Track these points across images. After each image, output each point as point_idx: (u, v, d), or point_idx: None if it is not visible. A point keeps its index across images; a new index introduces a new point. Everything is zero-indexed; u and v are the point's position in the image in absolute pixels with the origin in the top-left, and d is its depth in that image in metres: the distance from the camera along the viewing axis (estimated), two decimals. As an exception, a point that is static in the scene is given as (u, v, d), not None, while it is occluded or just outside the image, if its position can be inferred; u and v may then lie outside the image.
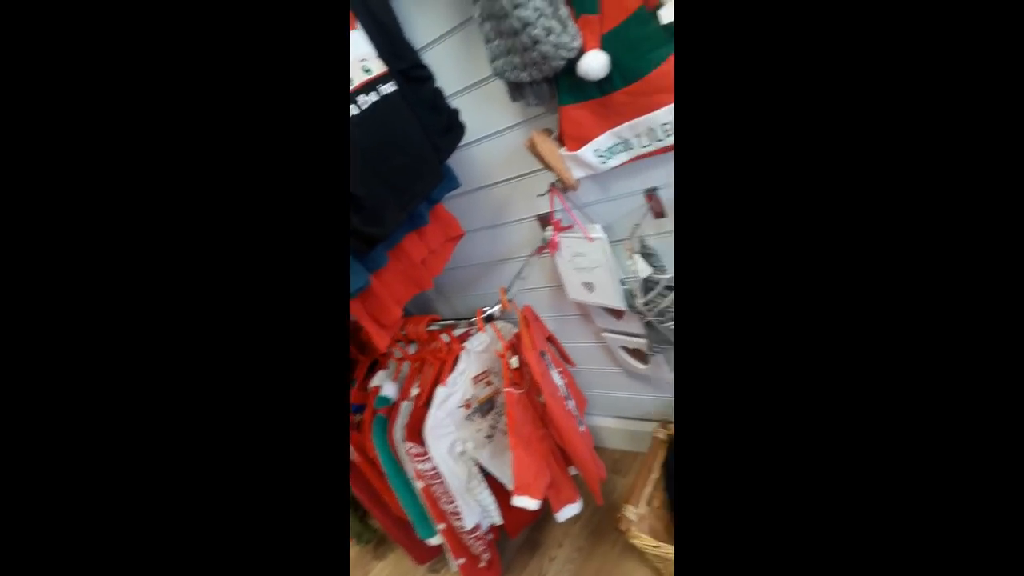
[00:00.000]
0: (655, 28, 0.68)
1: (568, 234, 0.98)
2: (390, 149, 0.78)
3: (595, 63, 0.71)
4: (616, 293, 0.98)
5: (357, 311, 0.86)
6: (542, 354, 1.00)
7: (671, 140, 0.77)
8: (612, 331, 1.12)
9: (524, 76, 0.76)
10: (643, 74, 0.72)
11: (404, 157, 0.81)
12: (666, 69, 0.70)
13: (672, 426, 1.15)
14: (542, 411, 1.00)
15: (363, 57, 0.78)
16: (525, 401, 0.99)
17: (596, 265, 0.97)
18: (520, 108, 0.92)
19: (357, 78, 0.75)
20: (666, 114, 0.74)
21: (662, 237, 0.94)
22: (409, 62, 0.85)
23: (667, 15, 0.62)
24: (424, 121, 0.85)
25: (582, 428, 1.07)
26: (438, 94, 0.89)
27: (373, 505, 1.23)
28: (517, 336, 1.01)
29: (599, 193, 0.96)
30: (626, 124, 0.79)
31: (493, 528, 1.18)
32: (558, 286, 1.12)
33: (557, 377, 1.04)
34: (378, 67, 0.79)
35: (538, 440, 1.00)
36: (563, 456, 1.06)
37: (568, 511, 1.03)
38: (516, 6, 0.67)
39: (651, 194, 0.90)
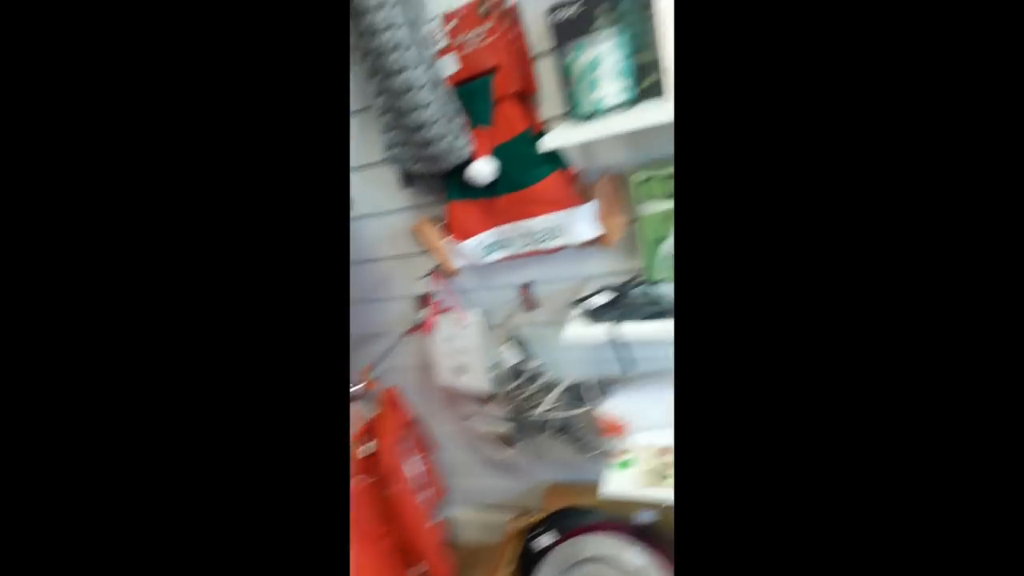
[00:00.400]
0: (537, 151, 0.77)
1: (444, 317, 1.00)
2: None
3: (483, 170, 0.78)
4: (486, 378, 1.00)
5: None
6: (400, 440, 0.96)
7: (545, 244, 0.85)
8: (478, 416, 1.12)
9: (417, 168, 0.80)
10: (525, 186, 0.80)
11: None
12: (544, 186, 0.79)
13: (528, 515, 1.15)
14: (389, 504, 0.94)
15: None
16: (370, 494, 0.93)
17: (468, 349, 0.99)
18: (410, 194, 0.95)
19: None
20: (542, 222, 0.83)
21: (534, 328, 1.00)
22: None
23: (548, 143, 0.71)
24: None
25: (434, 522, 1.02)
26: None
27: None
28: (377, 418, 0.96)
29: (478, 282, 1.00)
30: (508, 225, 0.85)
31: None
32: (426, 368, 1.11)
33: (416, 464, 1.00)
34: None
35: (380, 537, 0.93)
36: (408, 554, 0.99)
37: (410, 617, 0.95)
38: (416, 108, 0.71)
39: (525, 288, 0.96)
